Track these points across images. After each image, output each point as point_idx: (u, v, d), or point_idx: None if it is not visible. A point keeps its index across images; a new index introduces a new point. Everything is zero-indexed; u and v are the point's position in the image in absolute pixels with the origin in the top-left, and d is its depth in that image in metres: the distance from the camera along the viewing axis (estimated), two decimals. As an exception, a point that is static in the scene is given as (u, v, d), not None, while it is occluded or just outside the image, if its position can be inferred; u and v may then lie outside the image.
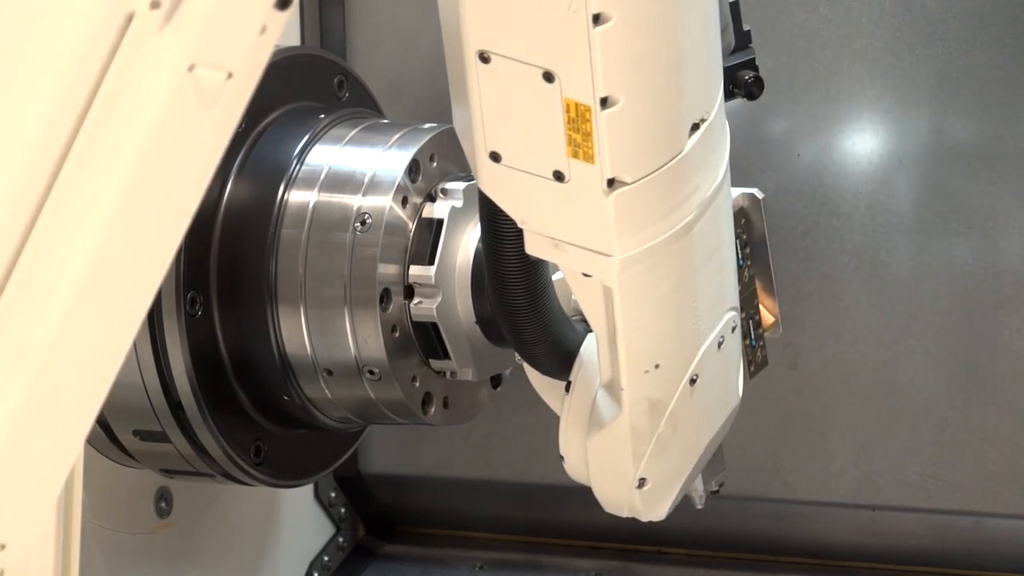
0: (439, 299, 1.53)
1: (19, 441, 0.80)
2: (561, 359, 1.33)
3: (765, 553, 2.06)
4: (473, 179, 1.20)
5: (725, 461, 1.47)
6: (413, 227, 1.55)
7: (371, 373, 1.55)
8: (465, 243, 1.55)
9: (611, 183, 1.11)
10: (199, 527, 1.84)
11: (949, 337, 1.94)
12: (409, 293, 1.54)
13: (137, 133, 0.76)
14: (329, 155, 1.60)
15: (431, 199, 1.56)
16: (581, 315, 1.30)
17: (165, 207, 0.80)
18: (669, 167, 1.13)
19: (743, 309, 1.39)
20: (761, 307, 1.46)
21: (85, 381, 0.82)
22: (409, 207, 1.55)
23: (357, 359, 1.54)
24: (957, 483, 1.95)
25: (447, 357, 1.56)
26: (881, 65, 1.92)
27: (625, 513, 1.37)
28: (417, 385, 1.57)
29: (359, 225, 1.54)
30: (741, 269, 1.41)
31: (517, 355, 1.36)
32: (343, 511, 2.14)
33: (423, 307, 1.53)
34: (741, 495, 1.96)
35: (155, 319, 1.51)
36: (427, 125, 1.62)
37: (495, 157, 1.14)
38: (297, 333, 1.56)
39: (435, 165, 1.58)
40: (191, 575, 1.85)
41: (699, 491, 1.45)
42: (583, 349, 1.33)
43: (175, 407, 1.55)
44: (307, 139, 1.60)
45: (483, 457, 2.10)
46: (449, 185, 1.56)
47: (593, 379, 1.31)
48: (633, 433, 1.29)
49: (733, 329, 1.33)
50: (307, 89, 1.67)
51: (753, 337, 1.45)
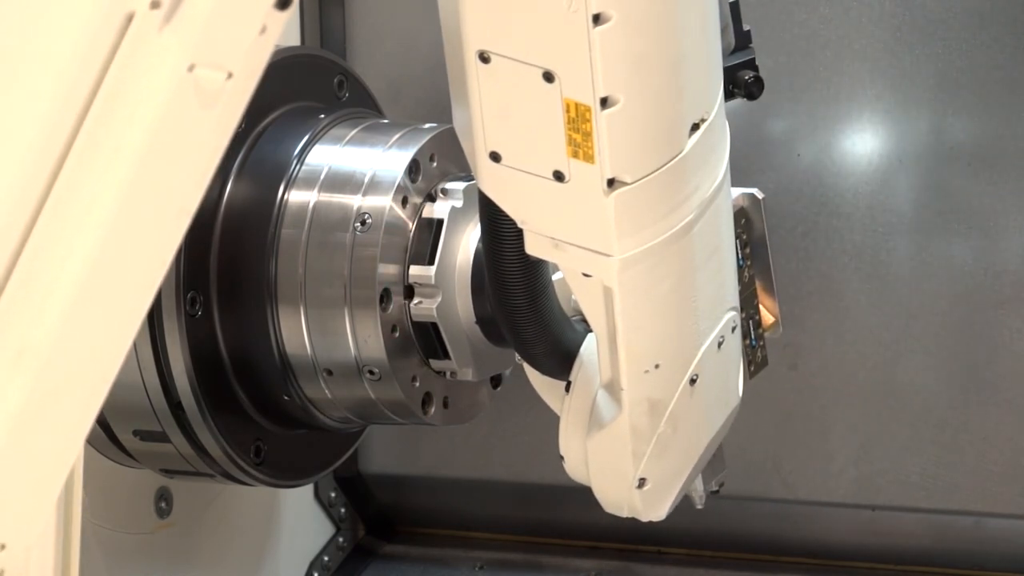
0: (439, 299, 1.53)
1: (19, 441, 0.80)
2: (561, 359, 1.33)
3: (765, 553, 2.06)
4: (473, 179, 1.20)
5: (725, 461, 1.47)
6: (413, 227, 1.55)
7: (371, 373, 1.55)
8: (465, 243, 1.55)
9: (611, 183, 1.11)
10: (199, 527, 1.84)
11: (949, 337, 1.94)
12: (409, 293, 1.54)
13: (137, 133, 0.76)
14: (329, 155, 1.59)
15: (431, 199, 1.56)
16: (581, 315, 1.30)
17: (165, 207, 0.80)
18: (669, 167, 1.13)
19: (743, 309, 1.39)
20: (761, 307, 1.46)
21: (85, 381, 0.82)
22: (409, 207, 1.55)
23: (357, 359, 1.54)
24: (957, 483, 1.95)
25: (447, 357, 1.56)
26: (881, 65, 1.92)
27: (625, 513, 1.37)
28: (417, 385, 1.57)
29: (359, 225, 1.54)
30: (741, 269, 1.41)
31: (517, 355, 1.36)
32: (343, 511, 2.14)
33: (423, 307, 1.53)
34: (741, 495, 1.96)
35: (155, 319, 1.51)
36: (427, 125, 1.62)
37: (495, 157, 1.14)
38: (297, 333, 1.55)
39: (435, 165, 1.58)
40: (191, 575, 1.85)
41: (699, 491, 1.45)
42: (583, 349, 1.33)
43: (175, 407, 1.55)
44: (307, 139, 1.60)
45: (483, 457, 2.10)
46: (449, 185, 1.56)
47: (593, 379, 1.31)
48: (633, 433, 1.29)
49: (733, 329, 1.33)
50: (307, 89, 1.66)
51: (753, 337, 1.45)
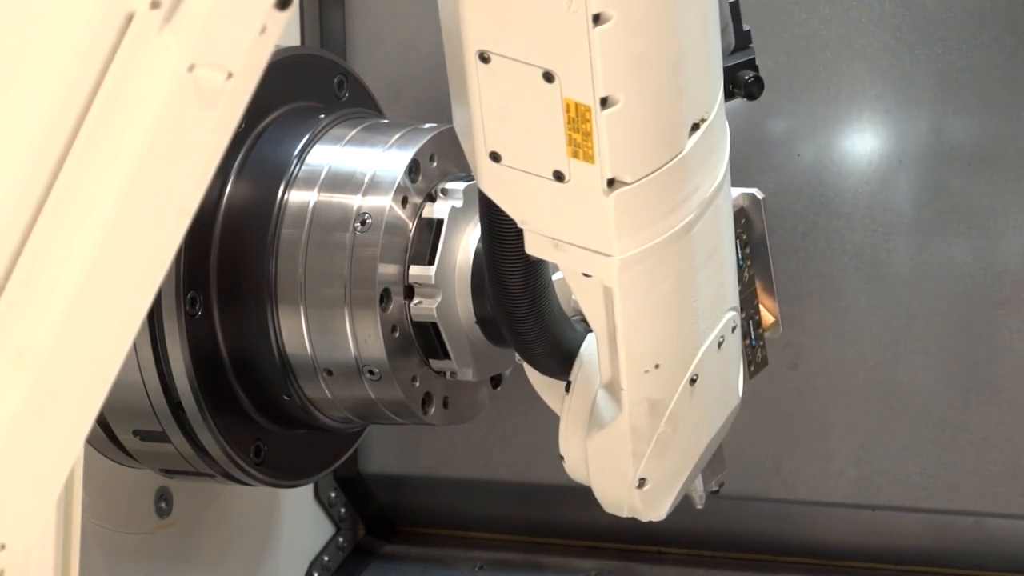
0: (439, 299, 1.53)
1: (19, 441, 0.80)
2: (561, 359, 1.33)
3: (765, 553, 2.06)
4: (473, 179, 1.20)
5: (725, 461, 1.47)
6: (413, 227, 1.55)
7: (371, 373, 1.55)
8: (465, 243, 1.55)
9: (611, 183, 1.11)
10: (199, 527, 1.84)
11: (949, 337, 1.94)
12: (409, 293, 1.54)
13: (137, 133, 0.76)
14: (329, 155, 1.59)
15: (431, 199, 1.56)
16: (581, 315, 1.30)
17: (165, 207, 0.80)
18: (669, 167, 1.13)
19: (743, 309, 1.39)
20: (761, 307, 1.46)
21: (85, 381, 0.82)
22: (409, 207, 1.55)
23: (357, 359, 1.54)
24: (957, 483, 1.95)
25: (447, 357, 1.56)
26: (881, 65, 1.92)
27: (625, 513, 1.37)
28: (417, 385, 1.57)
29: (359, 225, 1.54)
30: (741, 269, 1.41)
31: (517, 355, 1.36)
32: (343, 511, 2.14)
33: (423, 307, 1.53)
34: (741, 495, 1.96)
35: (155, 319, 1.51)
36: (427, 125, 1.62)
37: (495, 157, 1.14)
38: (297, 333, 1.55)
39: (435, 165, 1.58)
40: (191, 575, 1.85)
41: (699, 491, 1.45)
42: (583, 349, 1.33)
43: (175, 407, 1.55)
44: (307, 139, 1.60)
45: (483, 457, 2.09)
46: (449, 185, 1.56)
47: (593, 379, 1.31)
48: (633, 433, 1.29)
49: (733, 329, 1.33)
50: (307, 89, 1.66)
51: (753, 337, 1.45)
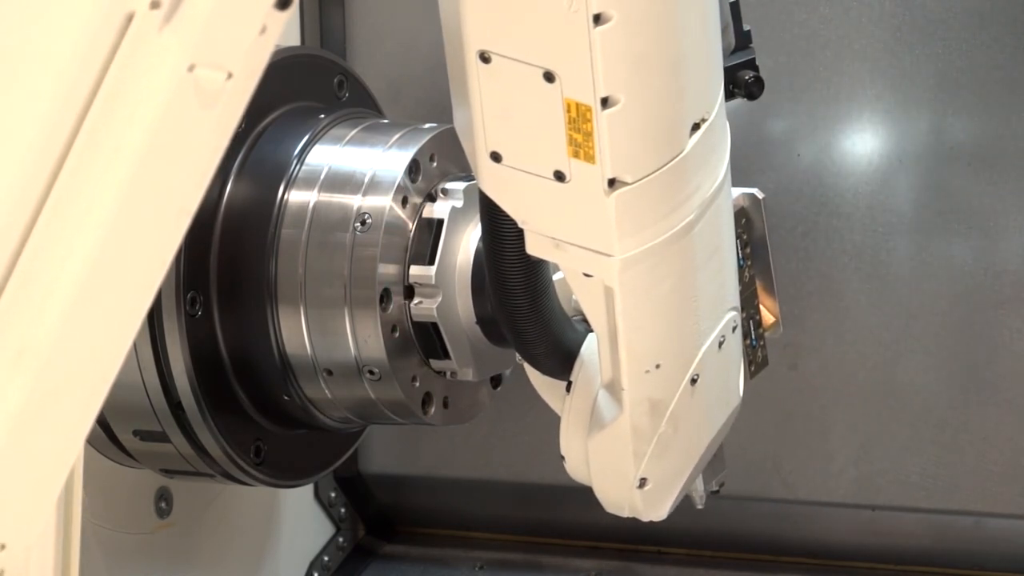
0: (439, 299, 1.52)
1: (19, 441, 0.80)
2: (562, 359, 1.33)
3: (765, 553, 2.06)
4: (473, 178, 1.20)
5: (725, 461, 1.47)
6: (413, 227, 1.55)
7: (371, 373, 1.55)
8: (465, 243, 1.55)
9: (612, 183, 1.11)
10: (199, 527, 1.84)
11: (949, 337, 1.94)
12: (409, 293, 1.54)
13: (137, 133, 0.76)
14: (329, 155, 1.59)
15: (431, 199, 1.56)
16: (582, 315, 1.30)
17: (165, 207, 0.80)
18: (670, 167, 1.13)
19: (743, 309, 1.39)
20: (761, 307, 1.46)
21: (85, 381, 0.82)
22: (409, 207, 1.55)
23: (357, 359, 1.54)
24: (957, 483, 1.95)
25: (447, 357, 1.56)
26: (881, 65, 1.92)
27: (626, 513, 1.37)
28: (417, 385, 1.57)
29: (359, 225, 1.54)
30: (741, 269, 1.41)
31: (518, 355, 1.36)
32: (343, 511, 2.14)
33: (423, 307, 1.53)
34: (741, 495, 1.96)
35: (155, 319, 1.51)
36: (427, 125, 1.62)
37: (496, 157, 1.14)
38: (297, 333, 1.55)
39: (435, 165, 1.58)
40: (191, 575, 1.85)
41: (699, 491, 1.45)
42: (584, 349, 1.33)
43: (175, 407, 1.55)
44: (307, 139, 1.60)
45: (483, 457, 2.09)
46: (449, 185, 1.56)
47: (594, 379, 1.31)
48: (634, 433, 1.29)
49: (734, 329, 1.33)
50: (307, 89, 1.66)
51: (753, 337, 1.45)
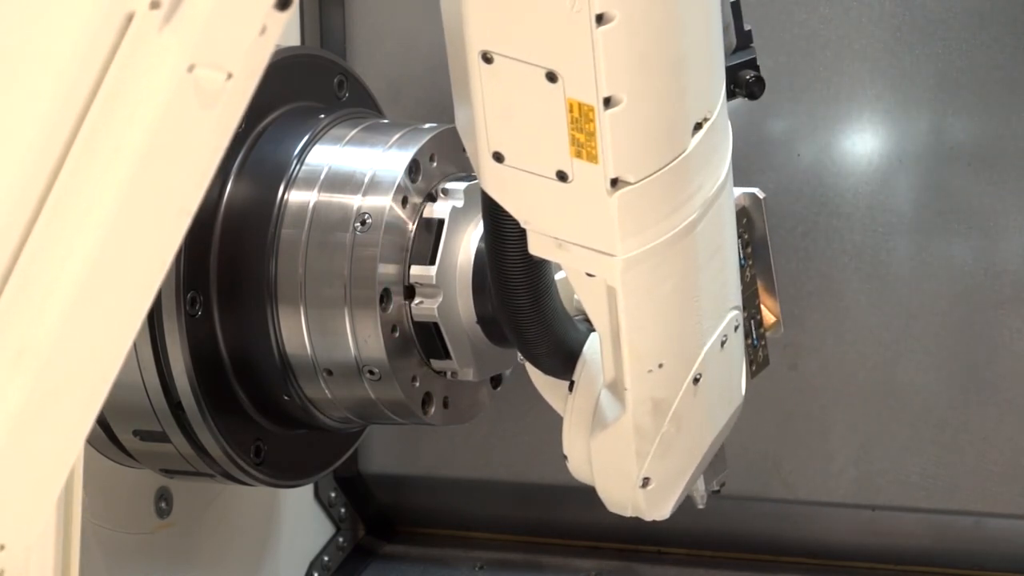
0: (440, 299, 1.52)
1: (19, 441, 0.80)
2: (564, 359, 1.33)
3: (765, 553, 2.06)
4: (473, 178, 1.20)
5: (726, 461, 1.46)
6: (413, 227, 1.55)
7: (371, 373, 1.54)
8: (466, 243, 1.55)
9: (614, 183, 1.11)
10: (199, 527, 1.84)
11: (949, 337, 1.94)
12: (409, 293, 1.54)
13: (137, 133, 0.76)
14: (329, 155, 1.59)
15: (431, 199, 1.56)
16: (584, 315, 1.30)
17: (165, 207, 0.80)
18: (672, 167, 1.13)
19: (745, 309, 1.39)
20: (762, 307, 1.46)
21: (85, 381, 0.82)
22: (409, 207, 1.55)
23: (357, 359, 1.54)
24: (957, 483, 1.95)
25: (448, 357, 1.56)
26: (881, 65, 1.92)
27: (629, 513, 1.37)
28: (417, 385, 1.57)
29: (359, 225, 1.54)
30: (743, 269, 1.41)
31: (520, 355, 1.36)
32: (343, 511, 2.14)
33: (424, 307, 1.53)
34: (741, 495, 1.96)
35: (155, 319, 1.51)
36: (427, 125, 1.62)
37: (498, 157, 1.14)
38: (297, 333, 1.55)
39: (435, 165, 1.58)
40: (191, 575, 1.85)
41: (701, 491, 1.45)
42: (586, 349, 1.33)
43: (175, 407, 1.55)
44: (307, 139, 1.60)
45: (483, 457, 2.09)
46: (450, 185, 1.56)
47: (596, 379, 1.31)
48: (637, 432, 1.29)
49: (736, 328, 1.33)
50: (307, 89, 1.66)
51: (755, 337, 1.45)
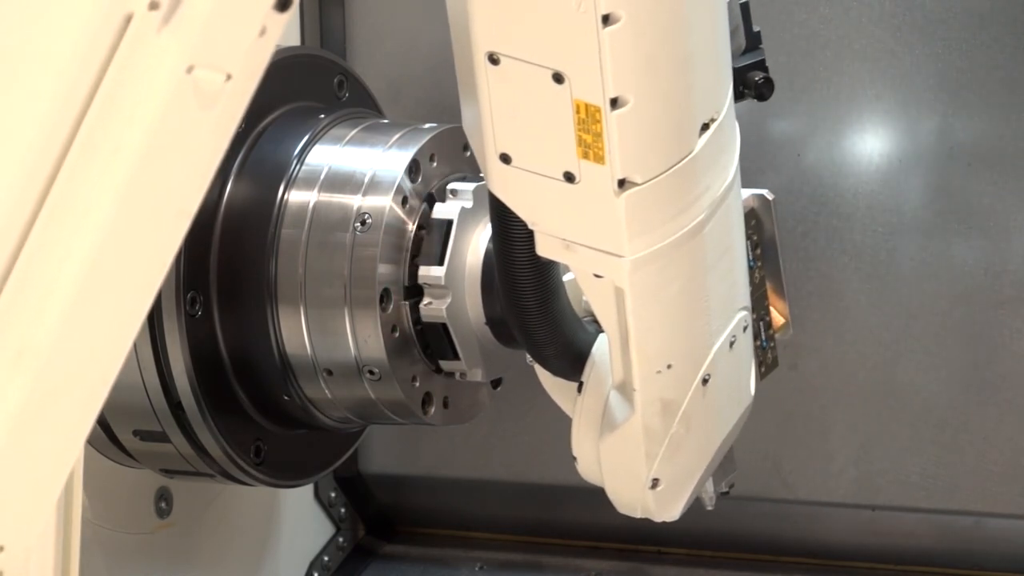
0: (449, 300, 1.52)
1: (19, 441, 0.79)
2: (573, 360, 1.33)
3: (765, 553, 2.06)
4: (481, 179, 1.19)
5: (735, 462, 1.46)
6: (413, 227, 1.55)
7: (371, 373, 1.54)
8: (475, 243, 1.54)
9: (622, 184, 1.11)
10: (199, 527, 1.84)
11: (949, 337, 1.94)
12: (409, 293, 1.54)
13: (136, 134, 0.76)
14: (329, 155, 1.59)
15: (432, 199, 1.56)
16: (592, 316, 1.30)
17: (164, 208, 0.80)
18: (679, 167, 1.13)
19: (754, 310, 1.39)
20: (771, 308, 1.46)
21: (85, 382, 0.81)
22: (409, 207, 1.55)
23: (357, 359, 1.54)
24: (957, 483, 1.95)
25: (457, 358, 1.55)
26: (881, 65, 1.92)
27: (639, 514, 1.37)
28: (417, 385, 1.57)
29: (359, 225, 1.54)
30: (752, 270, 1.40)
31: (528, 356, 1.36)
32: (343, 511, 2.14)
33: (433, 307, 1.52)
34: (741, 495, 1.94)
35: (155, 319, 1.51)
36: (427, 125, 1.62)
37: (505, 159, 1.14)
38: (297, 333, 1.55)
39: (435, 165, 1.58)
40: (191, 575, 1.85)
41: (709, 492, 1.44)
42: (595, 350, 1.33)
43: (175, 407, 1.55)
44: (307, 139, 1.60)
45: (483, 457, 2.09)
46: (459, 186, 1.56)
47: (605, 380, 1.31)
48: (646, 433, 1.29)
49: (745, 328, 1.32)
50: (307, 89, 1.66)
51: (764, 338, 1.44)
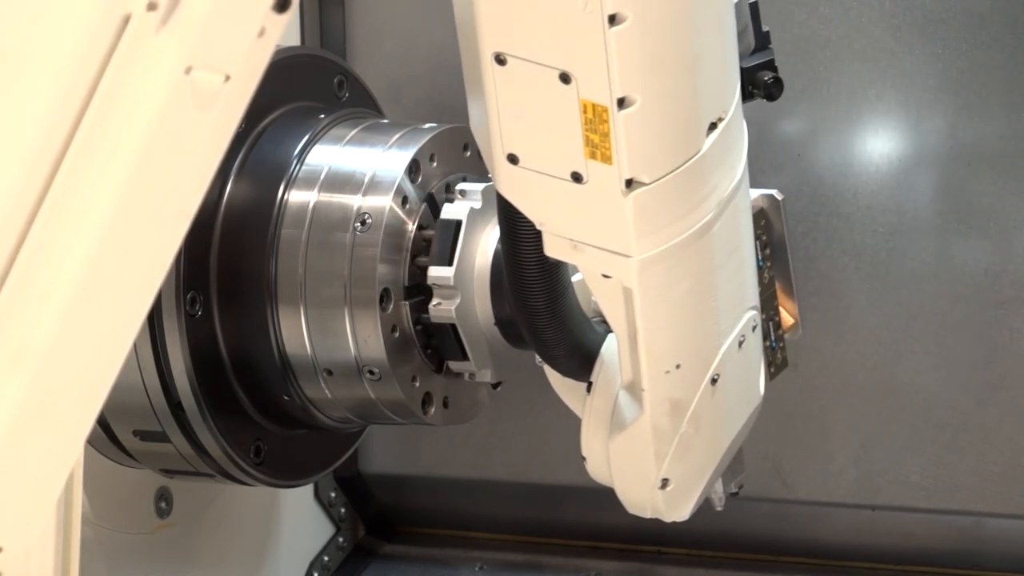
0: (458, 300, 1.52)
1: (19, 442, 0.80)
2: (582, 360, 1.33)
3: (765, 553, 2.06)
4: (489, 179, 1.19)
5: (744, 463, 1.46)
6: (413, 227, 1.55)
7: (371, 373, 1.54)
8: (483, 244, 1.54)
9: (629, 184, 1.11)
10: (199, 527, 1.84)
11: (949, 337, 1.94)
12: (410, 293, 1.54)
13: (134, 134, 0.76)
14: (329, 155, 1.59)
15: (432, 199, 1.56)
16: (601, 316, 1.29)
17: (163, 209, 0.80)
18: (687, 167, 1.13)
19: (763, 310, 1.38)
20: (781, 309, 1.45)
21: (85, 382, 0.81)
22: (409, 207, 1.55)
23: (357, 359, 1.54)
24: (957, 483, 1.95)
25: (466, 358, 1.55)
26: (881, 65, 1.92)
27: (648, 514, 1.36)
28: (417, 385, 1.57)
29: (359, 225, 1.54)
30: (761, 270, 1.40)
31: (537, 357, 1.36)
32: (343, 511, 2.14)
33: (442, 308, 1.52)
34: (741, 495, 1.95)
35: (155, 319, 1.51)
36: (427, 125, 1.62)
37: (512, 159, 1.13)
38: (297, 333, 1.55)
39: (435, 165, 1.58)
40: (191, 575, 1.85)
41: (719, 493, 1.44)
42: (604, 350, 1.33)
43: (175, 407, 1.55)
44: (307, 139, 1.60)
45: (483, 457, 2.09)
46: (467, 186, 1.55)
47: (614, 380, 1.31)
48: (655, 433, 1.29)
49: (753, 328, 1.32)
50: (307, 89, 1.66)
51: (773, 338, 1.44)
